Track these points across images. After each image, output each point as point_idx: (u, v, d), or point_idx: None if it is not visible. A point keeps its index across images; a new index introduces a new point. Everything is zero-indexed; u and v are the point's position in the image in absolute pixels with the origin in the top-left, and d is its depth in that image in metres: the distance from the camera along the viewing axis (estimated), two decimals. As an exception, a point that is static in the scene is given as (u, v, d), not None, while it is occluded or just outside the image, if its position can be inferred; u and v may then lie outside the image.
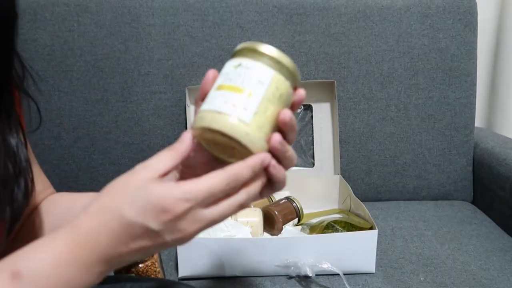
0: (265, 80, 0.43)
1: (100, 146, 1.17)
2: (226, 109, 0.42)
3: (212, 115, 0.42)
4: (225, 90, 0.43)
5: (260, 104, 0.43)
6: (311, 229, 1.00)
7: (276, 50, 0.44)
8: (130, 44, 1.14)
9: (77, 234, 0.40)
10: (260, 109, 0.42)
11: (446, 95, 1.22)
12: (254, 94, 0.43)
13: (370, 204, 1.18)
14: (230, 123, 0.41)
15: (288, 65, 0.45)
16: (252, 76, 0.43)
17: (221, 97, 0.43)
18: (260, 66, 0.44)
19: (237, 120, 0.41)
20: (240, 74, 0.44)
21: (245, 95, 0.42)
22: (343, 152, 1.21)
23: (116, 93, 1.15)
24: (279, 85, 0.44)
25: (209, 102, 0.43)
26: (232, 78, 0.44)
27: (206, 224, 0.41)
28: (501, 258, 0.96)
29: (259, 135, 0.42)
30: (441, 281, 0.88)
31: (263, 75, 0.43)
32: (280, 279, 0.87)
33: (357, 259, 0.88)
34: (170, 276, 0.89)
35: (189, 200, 0.39)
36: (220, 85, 0.44)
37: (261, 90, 0.43)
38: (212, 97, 0.44)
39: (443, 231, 1.07)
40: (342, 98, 1.20)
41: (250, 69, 0.44)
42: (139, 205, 0.39)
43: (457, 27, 1.20)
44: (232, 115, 0.42)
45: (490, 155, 1.20)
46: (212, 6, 1.15)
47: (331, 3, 1.18)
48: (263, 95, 0.43)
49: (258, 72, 0.44)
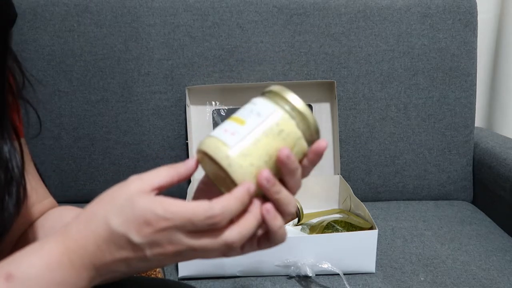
0: (264, 113, 0.44)
1: (100, 146, 1.17)
2: (217, 133, 0.43)
3: (208, 140, 0.43)
4: (229, 120, 0.44)
5: (251, 133, 0.42)
6: (311, 229, 1.00)
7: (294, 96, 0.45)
8: (130, 44, 1.14)
9: (67, 239, 0.40)
10: (250, 137, 0.42)
11: (446, 95, 1.22)
12: (248, 123, 0.43)
13: (370, 204, 1.18)
14: (214, 144, 0.42)
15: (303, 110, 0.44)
16: (253, 109, 0.44)
17: (223, 126, 0.44)
18: (264, 101, 0.45)
19: (221, 143, 0.42)
20: (245, 108, 0.45)
21: (240, 124, 0.43)
22: (343, 152, 1.21)
23: (116, 93, 1.15)
24: (281, 122, 0.43)
25: (215, 129, 0.45)
26: (241, 112, 0.45)
27: (186, 250, 0.40)
28: (501, 258, 0.96)
29: (242, 162, 0.41)
30: (441, 281, 0.88)
31: (263, 109, 0.44)
32: (280, 279, 0.87)
33: (357, 259, 0.88)
34: (170, 276, 0.89)
35: (169, 220, 0.39)
36: (231, 117, 0.46)
37: (257, 121, 0.43)
38: (221, 125, 0.45)
39: (443, 231, 1.07)
40: (342, 98, 1.20)
41: (255, 104, 0.45)
42: (124, 215, 0.39)
43: (457, 27, 1.20)
44: (219, 138, 0.42)
45: (490, 155, 1.20)
46: (212, 6, 1.15)
47: (331, 3, 1.18)
48: (257, 126, 0.43)
49: (260, 106, 0.44)
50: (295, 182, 0.44)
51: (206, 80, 1.17)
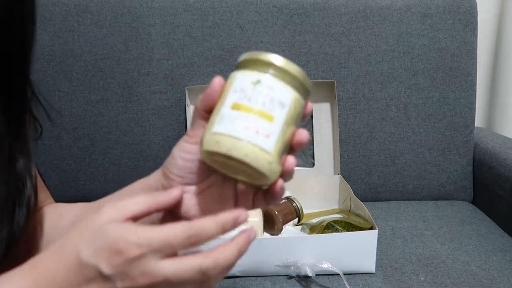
0: (287, 102, 0.40)
1: (100, 146, 1.17)
2: (248, 136, 0.39)
3: (232, 142, 0.39)
4: (244, 111, 0.39)
5: (281, 130, 0.40)
6: (311, 229, 1.00)
7: (296, 67, 0.41)
8: (130, 44, 1.14)
9: (36, 270, 0.39)
10: (280, 135, 0.40)
11: (446, 95, 1.22)
12: (276, 119, 0.40)
13: (370, 204, 1.18)
14: (252, 152, 0.39)
15: (306, 82, 0.42)
16: (274, 97, 0.40)
17: (240, 121, 0.39)
18: (282, 87, 0.41)
19: (259, 150, 0.39)
20: (260, 94, 0.40)
21: (267, 120, 0.39)
22: (343, 152, 1.21)
23: (116, 93, 1.15)
24: (297, 106, 0.41)
25: (225, 123, 0.40)
26: (251, 97, 0.40)
27: (160, 281, 0.38)
28: (501, 258, 0.96)
29: (278, 161, 0.40)
30: (441, 281, 0.88)
31: (285, 97, 0.40)
32: (280, 279, 0.87)
33: (357, 259, 0.88)
34: (170, 276, 0.89)
35: (143, 246, 0.37)
36: (236, 104, 0.40)
37: (283, 114, 0.40)
38: (228, 117, 0.40)
39: (443, 231, 1.07)
40: (342, 98, 1.20)
41: (272, 89, 0.40)
42: (95, 245, 0.38)
43: (457, 27, 1.20)
44: (254, 143, 0.39)
45: (490, 155, 1.20)
46: (212, 6, 1.15)
47: (331, 3, 1.18)
48: (284, 119, 0.40)
49: (280, 93, 0.40)
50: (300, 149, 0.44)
51: (206, 80, 1.17)
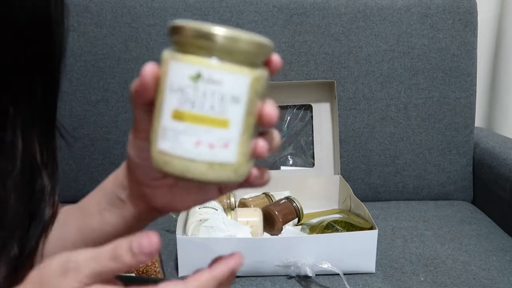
0: (242, 92, 0.31)
1: (100, 146, 1.17)
2: (201, 154, 0.31)
3: (183, 164, 0.31)
4: (190, 122, 0.31)
5: (242, 129, 0.32)
6: (311, 229, 1.00)
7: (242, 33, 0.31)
8: (130, 44, 1.14)
9: None
10: (242, 135, 0.32)
11: (446, 95, 1.22)
12: (233, 121, 0.31)
13: (370, 204, 1.18)
14: (210, 170, 0.32)
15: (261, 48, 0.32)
16: (224, 94, 0.31)
17: (188, 136, 0.31)
18: (233, 74, 0.31)
19: (219, 165, 0.32)
20: (205, 94, 0.31)
21: (221, 127, 0.31)
22: (343, 152, 1.21)
23: (116, 93, 1.15)
24: (257, 86, 0.32)
25: (170, 139, 0.31)
26: (195, 101, 0.31)
27: None
28: (501, 258, 0.96)
29: (246, 161, 0.33)
30: (441, 281, 0.88)
31: (239, 87, 0.31)
32: (280, 279, 0.87)
33: (357, 259, 0.88)
34: (170, 276, 0.89)
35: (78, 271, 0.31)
36: (178, 112, 0.31)
37: (240, 111, 0.31)
38: (172, 131, 0.31)
39: (443, 231, 1.07)
40: (342, 98, 1.20)
41: (219, 84, 0.31)
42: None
43: (457, 27, 1.20)
44: (211, 161, 0.31)
45: (490, 155, 1.20)
46: (212, 6, 1.15)
47: (331, 3, 1.18)
48: (243, 115, 0.32)
49: (232, 84, 0.31)
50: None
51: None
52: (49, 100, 0.40)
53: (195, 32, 0.31)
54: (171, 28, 0.32)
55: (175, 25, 0.32)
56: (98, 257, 0.30)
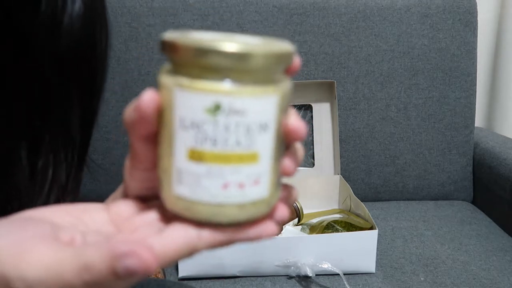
0: (270, 117, 0.26)
1: (100, 146, 1.17)
2: (230, 196, 0.27)
3: (210, 209, 0.27)
4: (213, 162, 0.26)
5: (273, 158, 0.27)
6: (311, 229, 1.00)
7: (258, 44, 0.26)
8: (130, 44, 1.14)
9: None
10: (273, 164, 0.28)
11: (446, 95, 1.22)
12: (262, 154, 0.27)
13: (370, 204, 1.18)
14: (242, 211, 0.27)
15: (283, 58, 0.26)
16: (250, 124, 0.26)
17: (213, 179, 0.26)
18: (256, 99, 0.25)
19: (251, 205, 0.27)
20: (228, 129, 0.25)
21: (251, 162, 0.26)
22: (343, 152, 1.21)
23: (116, 93, 1.15)
24: (284, 103, 0.27)
25: (189, 183, 0.27)
26: (216, 137, 0.25)
27: None
28: (501, 258, 0.96)
29: (276, 189, 0.29)
30: (441, 281, 0.88)
31: (267, 112, 0.26)
32: (280, 279, 0.87)
33: (357, 259, 0.88)
34: (170, 276, 0.89)
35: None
36: (197, 152, 0.26)
37: (269, 138, 0.27)
38: (190, 174, 0.26)
39: (443, 231, 1.07)
40: (342, 98, 1.20)
41: (241, 114, 0.25)
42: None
43: (457, 27, 1.20)
44: (242, 203, 0.27)
45: (490, 155, 1.20)
46: (212, 6, 1.15)
47: (331, 3, 1.18)
48: (273, 141, 0.27)
49: (258, 111, 0.26)
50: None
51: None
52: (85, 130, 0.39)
53: (202, 50, 0.24)
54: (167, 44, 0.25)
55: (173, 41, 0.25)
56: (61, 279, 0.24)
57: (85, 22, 0.34)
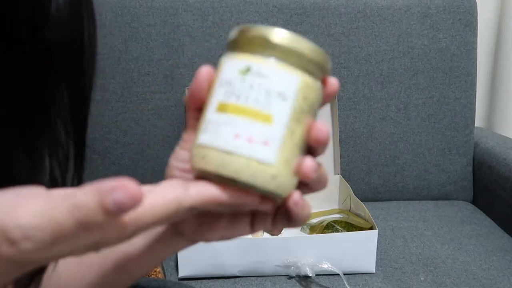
0: (290, 91, 0.30)
1: (100, 146, 1.17)
2: (239, 147, 0.29)
3: (220, 157, 0.30)
4: (232, 113, 0.30)
5: (286, 130, 0.30)
6: (311, 229, 1.00)
7: (296, 36, 0.31)
8: (130, 44, 1.14)
9: None
10: (286, 136, 0.30)
11: (446, 95, 1.22)
12: (277, 118, 0.30)
13: (370, 204, 1.18)
14: (247, 167, 0.29)
15: (318, 57, 0.31)
16: (270, 88, 0.30)
17: (229, 127, 0.30)
18: (282, 71, 0.30)
19: (256, 163, 0.29)
20: (252, 87, 0.30)
21: (264, 121, 0.30)
22: (343, 152, 1.21)
23: (116, 93, 1.15)
24: (307, 93, 0.31)
25: (211, 131, 0.30)
26: (240, 93, 0.30)
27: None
28: (501, 258, 0.96)
29: (288, 172, 0.31)
30: (441, 281, 0.88)
31: (287, 85, 0.30)
32: (280, 279, 0.87)
33: (357, 259, 0.88)
34: (170, 276, 0.89)
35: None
36: (222, 104, 0.30)
37: (286, 109, 0.30)
38: (213, 123, 0.30)
39: (443, 231, 1.07)
40: (342, 98, 1.20)
41: (265, 77, 0.30)
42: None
43: (457, 27, 1.20)
44: (248, 156, 0.29)
45: (490, 155, 1.20)
46: (212, 6, 1.15)
47: (331, 3, 1.18)
48: (289, 115, 0.30)
49: (279, 80, 0.30)
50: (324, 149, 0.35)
51: (206, 80, 1.17)
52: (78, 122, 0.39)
53: (251, 32, 0.31)
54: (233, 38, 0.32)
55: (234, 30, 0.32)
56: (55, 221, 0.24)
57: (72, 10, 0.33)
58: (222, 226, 0.36)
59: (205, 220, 0.37)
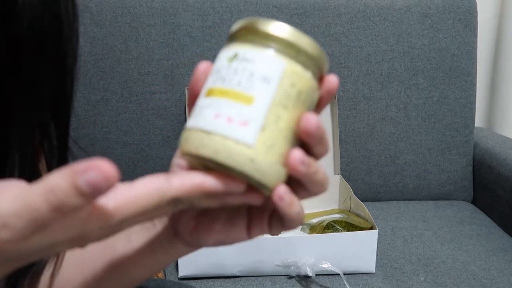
0: (273, 75, 0.30)
1: (100, 146, 1.17)
2: (218, 126, 0.29)
3: (200, 136, 0.30)
4: (216, 96, 0.30)
5: (268, 113, 0.30)
6: (311, 229, 1.00)
7: (287, 27, 0.31)
8: (130, 44, 1.14)
9: None
10: (268, 120, 0.30)
11: (446, 95, 1.22)
12: (258, 100, 0.30)
13: (370, 204, 1.18)
14: (223, 147, 0.29)
15: (307, 46, 0.32)
16: (253, 71, 0.30)
17: (211, 108, 0.30)
18: (266, 56, 0.30)
19: (234, 143, 0.29)
20: (236, 71, 0.30)
21: (244, 102, 0.30)
22: (343, 152, 1.21)
23: (116, 93, 1.15)
24: (295, 80, 0.31)
25: (196, 115, 0.31)
26: (225, 77, 0.30)
27: None
28: (501, 258, 0.96)
29: (271, 158, 0.30)
30: (441, 281, 0.88)
31: (270, 69, 0.30)
32: (280, 279, 0.87)
33: (357, 259, 0.88)
34: (170, 276, 0.89)
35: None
36: (210, 89, 0.31)
37: (268, 92, 0.30)
38: (200, 107, 0.31)
39: (443, 231, 1.07)
40: (342, 98, 1.20)
41: (250, 62, 0.30)
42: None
43: (457, 27, 1.20)
44: (225, 135, 0.29)
45: (490, 155, 1.20)
46: (212, 6, 1.15)
47: (331, 3, 1.18)
48: (272, 99, 0.30)
49: (263, 64, 0.30)
50: (323, 149, 0.34)
51: (206, 80, 1.17)
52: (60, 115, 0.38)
53: (242, 23, 0.32)
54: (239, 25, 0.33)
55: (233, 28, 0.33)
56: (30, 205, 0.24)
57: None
58: (219, 229, 0.36)
59: (202, 222, 0.37)
